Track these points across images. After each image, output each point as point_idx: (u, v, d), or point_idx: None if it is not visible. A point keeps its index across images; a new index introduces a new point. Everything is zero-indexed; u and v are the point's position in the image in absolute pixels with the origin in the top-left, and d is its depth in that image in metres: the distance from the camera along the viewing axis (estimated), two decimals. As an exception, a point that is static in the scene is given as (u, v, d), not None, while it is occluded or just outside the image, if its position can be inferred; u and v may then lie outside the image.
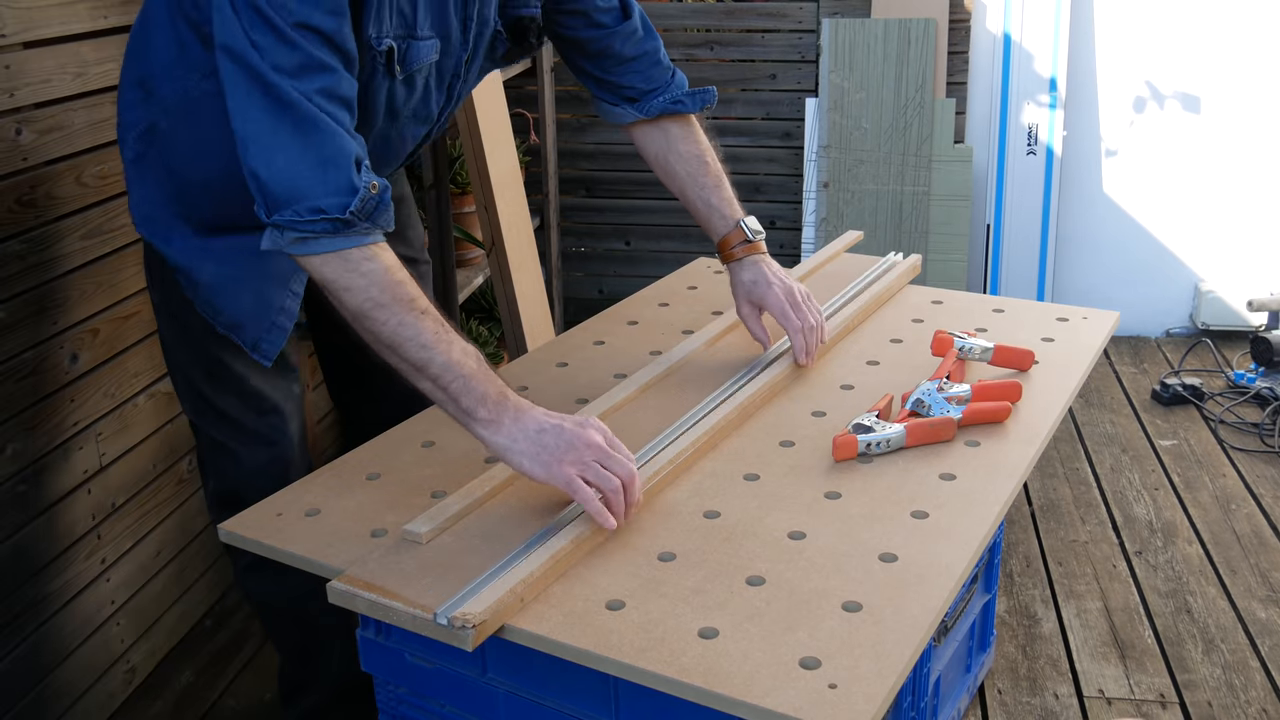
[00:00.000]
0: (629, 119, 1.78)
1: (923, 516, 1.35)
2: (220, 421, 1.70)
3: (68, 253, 1.95)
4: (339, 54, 1.33)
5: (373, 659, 1.43)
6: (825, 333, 1.78)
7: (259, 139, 1.29)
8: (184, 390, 1.73)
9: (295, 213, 1.29)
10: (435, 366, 1.32)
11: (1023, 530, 2.77)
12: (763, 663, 1.10)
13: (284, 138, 1.28)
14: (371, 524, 1.37)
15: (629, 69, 1.76)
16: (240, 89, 1.29)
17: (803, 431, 1.58)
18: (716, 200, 1.77)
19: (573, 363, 1.85)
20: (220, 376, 1.68)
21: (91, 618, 2.09)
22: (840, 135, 3.75)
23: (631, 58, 1.75)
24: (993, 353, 1.75)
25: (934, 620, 1.17)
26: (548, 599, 1.20)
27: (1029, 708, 2.16)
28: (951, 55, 3.78)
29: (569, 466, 1.30)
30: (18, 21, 1.80)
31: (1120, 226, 3.95)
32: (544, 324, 3.25)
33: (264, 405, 1.70)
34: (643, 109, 1.77)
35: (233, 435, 1.70)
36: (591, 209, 4.13)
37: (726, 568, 1.26)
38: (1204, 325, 3.90)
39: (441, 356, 1.32)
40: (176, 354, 1.71)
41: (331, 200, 1.28)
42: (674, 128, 1.79)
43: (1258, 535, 2.72)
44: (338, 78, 1.32)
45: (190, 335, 1.66)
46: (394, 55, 1.43)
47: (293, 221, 1.29)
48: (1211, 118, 3.81)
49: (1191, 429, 3.28)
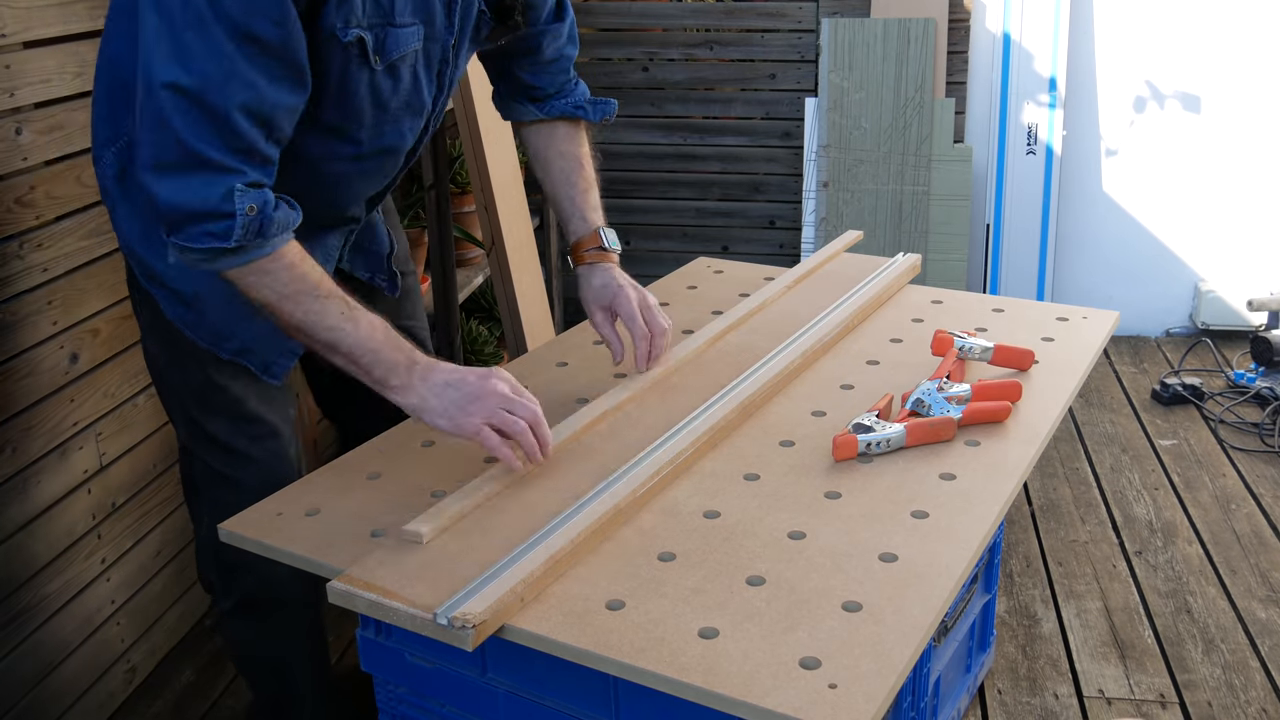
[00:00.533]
0: (529, 117, 1.78)
1: (923, 516, 1.35)
2: (213, 448, 1.64)
3: (68, 253, 1.95)
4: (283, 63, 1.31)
5: (373, 659, 1.43)
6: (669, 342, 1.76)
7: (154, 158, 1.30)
8: (177, 414, 1.68)
9: (189, 237, 1.31)
10: (345, 345, 1.40)
11: (1023, 530, 2.77)
12: (763, 662, 1.10)
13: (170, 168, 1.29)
14: (371, 524, 1.37)
15: (544, 70, 1.76)
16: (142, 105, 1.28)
17: (803, 431, 1.58)
18: (582, 203, 1.77)
19: (573, 362, 1.85)
20: (213, 401, 1.62)
21: (91, 618, 2.09)
22: (840, 135, 3.75)
23: (550, 60, 1.75)
24: (993, 352, 1.75)
25: (934, 620, 1.17)
26: (548, 599, 1.20)
27: (1029, 708, 2.16)
28: (951, 55, 3.78)
29: (475, 418, 1.39)
30: (18, 21, 1.80)
31: (1120, 226, 3.95)
32: (544, 324, 3.25)
33: (262, 430, 1.66)
34: (544, 109, 1.78)
35: (228, 462, 1.64)
36: (591, 209, 4.12)
37: (726, 567, 1.26)
38: (1204, 325, 3.90)
39: (350, 336, 1.39)
40: (168, 376, 1.65)
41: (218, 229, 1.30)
42: (562, 128, 1.79)
43: (1258, 535, 2.72)
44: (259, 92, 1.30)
45: (180, 357, 1.61)
46: (366, 45, 1.40)
47: (189, 247, 1.32)
48: (1212, 117, 3.81)
49: (1191, 429, 3.28)
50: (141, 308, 1.63)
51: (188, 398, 1.64)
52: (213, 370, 1.61)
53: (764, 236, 4.03)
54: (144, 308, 1.62)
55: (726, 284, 2.20)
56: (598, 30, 3.92)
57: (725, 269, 2.29)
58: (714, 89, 3.97)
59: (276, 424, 1.68)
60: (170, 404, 1.69)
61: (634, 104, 3.98)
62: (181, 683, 2.28)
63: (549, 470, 1.46)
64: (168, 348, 1.62)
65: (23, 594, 1.91)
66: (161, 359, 1.65)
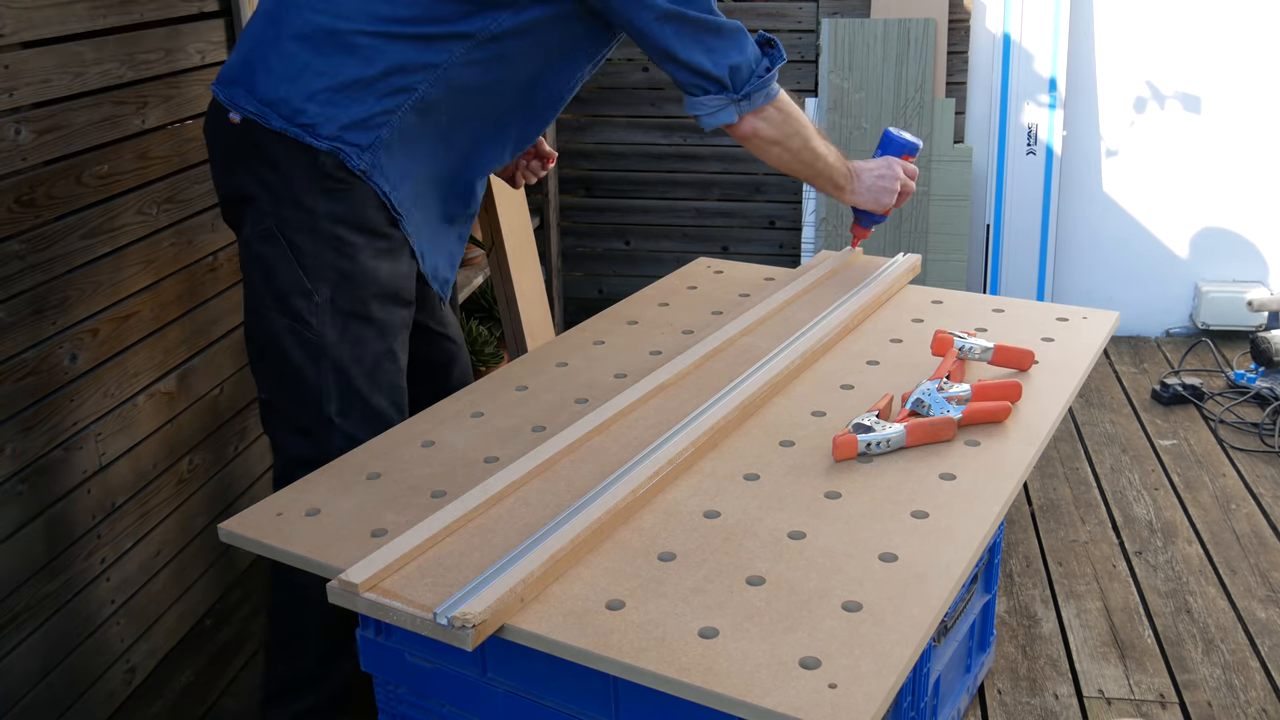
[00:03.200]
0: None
1: (923, 516, 1.35)
2: (371, 420, 1.73)
3: (68, 253, 1.95)
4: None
5: (372, 659, 1.44)
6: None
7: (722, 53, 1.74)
8: (332, 388, 1.71)
9: (759, 76, 1.77)
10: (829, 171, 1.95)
11: (1023, 530, 2.78)
12: (763, 662, 1.10)
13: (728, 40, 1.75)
14: (372, 523, 1.37)
15: None
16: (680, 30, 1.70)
17: (802, 431, 1.58)
18: None
19: (573, 362, 1.85)
20: (384, 373, 1.74)
21: (91, 618, 2.09)
22: (840, 135, 3.75)
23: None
24: (993, 352, 1.75)
25: (934, 620, 1.17)
26: (547, 599, 1.20)
27: (1029, 708, 2.16)
28: (951, 55, 3.78)
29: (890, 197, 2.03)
30: (17, 21, 1.80)
31: (1120, 226, 3.95)
32: (544, 324, 3.25)
33: (405, 402, 1.79)
34: None
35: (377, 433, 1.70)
36: (591, 209, 4.13)
37: (726, 567, 1.26)
38: (1204, 325, 3.90)
39: (833, 164, 1.95)
40: (337, 350, 1.70)
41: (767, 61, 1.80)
42: None
43: (1258, 535, 2.72)
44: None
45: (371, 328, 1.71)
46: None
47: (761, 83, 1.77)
48: (1212, 118, 3.81)
49: (1191, 429, 3.29)
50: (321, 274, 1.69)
51: (357, 372, 1.72)
52: (391, 337, 1.74)
53: (764, 237, 4.03)
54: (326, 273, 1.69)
55: (726, 284, 2.20)
56: (598, 30, 3.91)
57: (725, 269, 2.29)
58: (714, 89, 3.97)
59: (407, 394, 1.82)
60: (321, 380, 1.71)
61: (634, 104, 3.98)
62: (181, 683, 2.28)
63: (549, 470, 1.46)
64: (345, 320, 1.70)
65: (23, 594, 1.91)
66: (330, 333, 1.70)
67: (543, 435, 1.57)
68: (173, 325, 2.27)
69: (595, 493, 1.36)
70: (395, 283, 1.75)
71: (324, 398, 1.72)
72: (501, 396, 1.72)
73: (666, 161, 4.02)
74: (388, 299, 1.74)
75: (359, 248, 1.69)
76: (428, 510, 1.37)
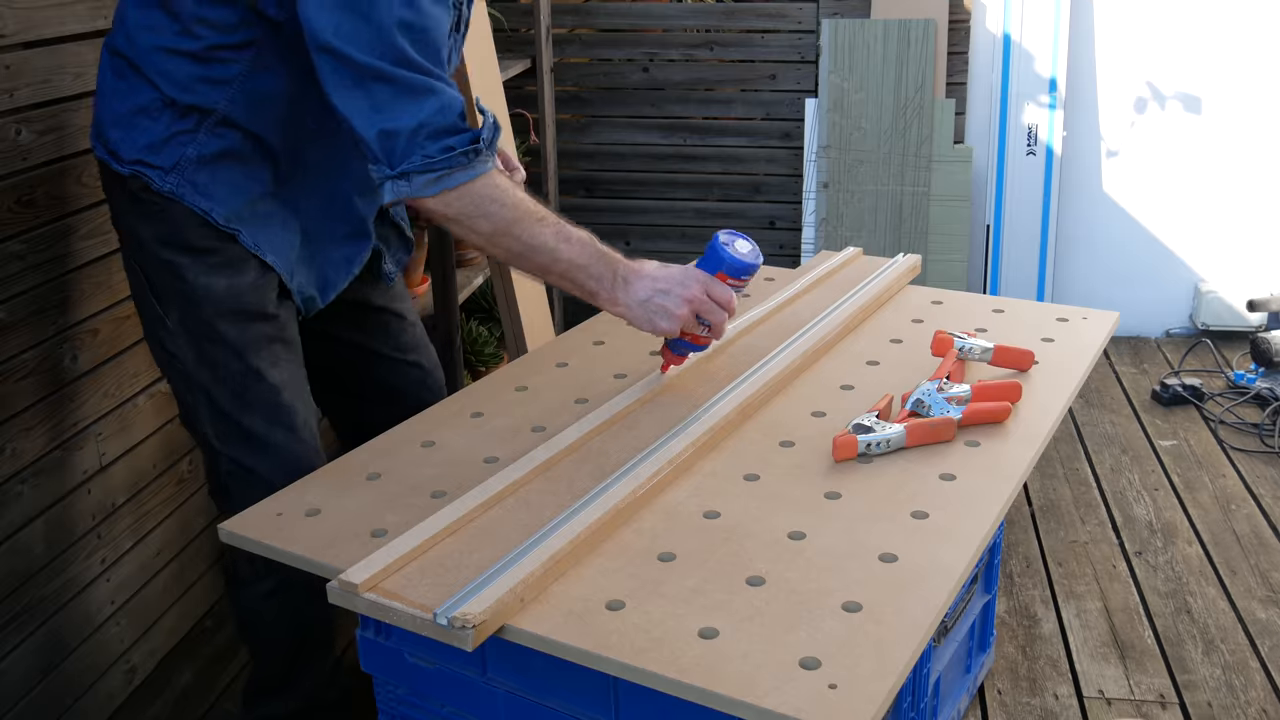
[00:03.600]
0: None
1: (923, 517, 1.35)
2: (246, 444, 1.66)
3: (68, 253, 1.95)
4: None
5: (372, 659, 1.43)
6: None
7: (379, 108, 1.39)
8: (204, 414, 1.67)
9: (426, 154, 1.39)
10: (560, 266, 1.53)
11: (1023, 530, 2.77)
12: (763, 663, 1.10)
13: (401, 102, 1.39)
14: (372, 524, 1.37)
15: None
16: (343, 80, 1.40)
17: (802, 431, 1.58)
18: None
19: (573, 362, 1.85)
20: (251, 392, 1.64)
21: (91, 618, 2.09)
22: (840, 135, 3.75)
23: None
24: (993, 353, 1.75)
25: (934, 620, 1.17)
26: (548, 599, 1.20)
27: (1029, 708, 2.16)
28: (951, 55, 3.78)
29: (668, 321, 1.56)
30: (18, 21, 1.80)
31: (1120, 227, 3.95)
32: (544, 324, 3.25)
33: (295, 420, 1.68)
34: None
35: (260, 459, 1.65)
36: (591, 209, 4.13)
37: (726, 568, 1.26)
38: (1204, 325, 3.90)
39: (564, 257, 1.52)
40: (197, 375, 1.65)
41: (460, 137, 1.42)
42: None
43: (1258, 536, 2.72)
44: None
45: (223, 348, 1.63)
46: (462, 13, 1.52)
47: (427, 163, 1.40)
48: (1212, 118, 3.81)
49: (1191, 429, 3.28)
50: (166, 298, 1.63)
51: (221, 394, 1.64)
52: (251, 355, 1.63)
53: (764, 237, 4.03)
54: (169, 296, 1.62)
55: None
56: (598, 30, 3.91)
57: (725, 269, 2.29)
58: (714, 90, 3.97)
59: (307, 415, 1.71)
60: (196, 406, 1.67)
61: (634, 104, 3.98)
62: (181, 683, 2.28)
63: (549, 470, 1.46)
64: (197, 343, 1.63)
65: (23, 594, 1.91)
66: (189, 356, 1.64)
67: (543, 435, 1.57)
68: (173, 325, 2.27)
69: (595, 493, 1.37)
70: (240, 297, 1.62)
71: (201, 423, 1.67)
72: (501, 396, 1.72)
73: (666, 162, 4.02)
74: (234, 315, 1.63)
75: (185, 266, 1.60)
76: (428, 510, 1.37)
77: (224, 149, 1.59)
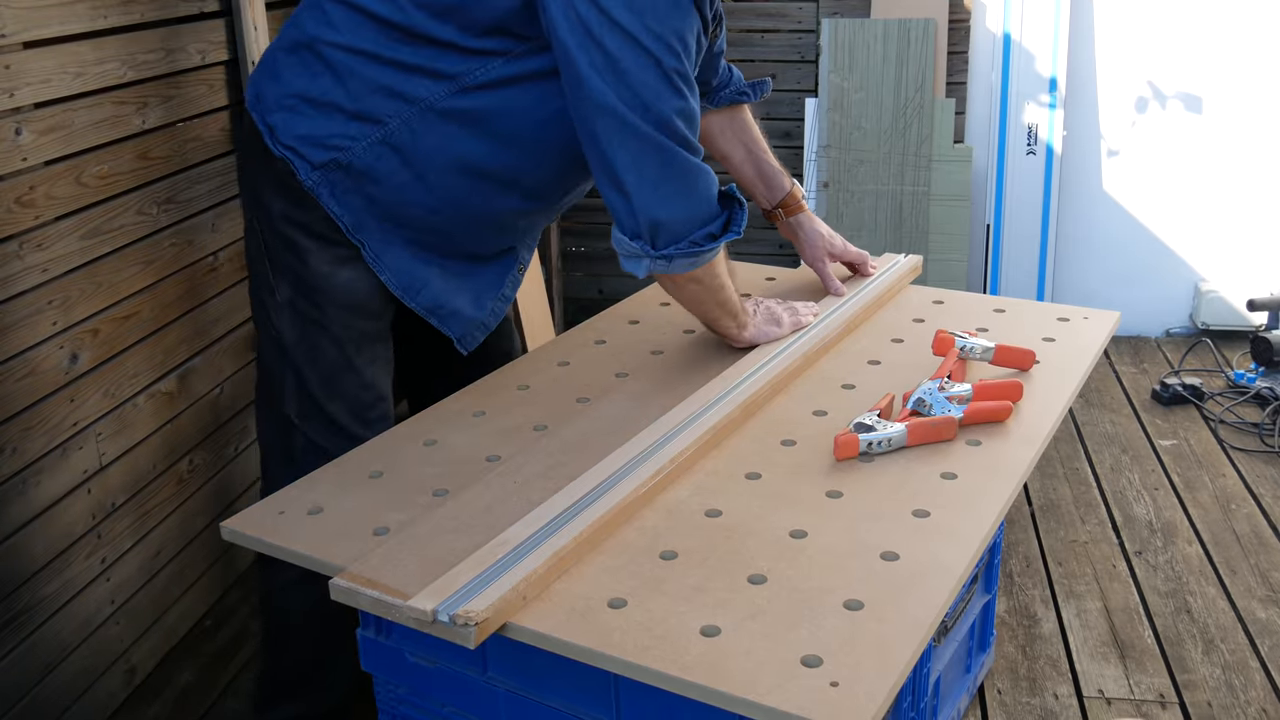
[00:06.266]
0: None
1: (924, 516, 1.35)
2: (329, 429, 1.68)
3: (68, 253, 1.95)
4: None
5: (373, 658, 1.43)
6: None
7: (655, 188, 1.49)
8: (291, 389, 1.68)
9: (693, 240, 1.53)
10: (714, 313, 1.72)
11: (1023, 530, 2.78)
12: (764, 661, 1.10)
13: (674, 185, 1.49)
14: (374, 522, 1.37)
15: (710, 64, 1.85)
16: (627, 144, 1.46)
17: (804, 430, 1.58)
18: (778, 164, 2.03)
19: (574, 362, 1.85)
20: (342, 383, 1.67)
21: (91, 618, 2.09)
22: (840, 135, 3.75)
23: (717, 53, 1.85)
24: (994, 352, 1.75)
25: (935, 619, 1.17)
26: (550, 597, 1.20)
27: (1029, 708, 2.16)
28: (951, 55, 3.79)
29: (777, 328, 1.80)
30: (18, 21, 1.80)
31: (1121, 226, 3.95)
32: (544, 324, 3.25)
33: (380, 412, 1.72)
34: (712, 100, 1.93)
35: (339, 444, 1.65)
36: (592, 209, 4.10)
37: (728, 566, 1.26)
38: (1204, 325, 3.90)
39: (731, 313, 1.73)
40: (295, 352, 1.66)
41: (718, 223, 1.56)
42: (733, 113, 1.98)
43: (1258, 535, 2.72)
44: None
45: (326, 336, 1.65)
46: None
47: (693, 249, 1.53)
48: (1213, 118, 3.81)
49: (1191, 429, 3.29)
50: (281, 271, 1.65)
51: (312, 377, 1.67)
52: (350, 348, 1.67)
53: (764, 236, 4.01)
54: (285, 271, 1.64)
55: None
56: (598, 31, 3.91)
57: (726, 269, 2.29)
58: (714, 89, 3.97)
59: (385, 407, 1.74)
60: (284, 380, 1.69)
61: (634, 104, 3.97)
62: (181, 683, 2.27)
63: (550, 469, 1.46)
64: (301, 323, 1.65)
65: (22, 594, 1.91)
66: (290, 333, 1.66)
67: (544, 434, 1.57)
68: (173, 325, 2.26)
69: (597, 491, 1.37)
70: (354, 293, 1.65)
71: (285, 397, 1.69)
72: (503, 396, 1.72)
73: (666, 162, 4.01)
74: (345, 309, 1.65)
75: (310, 252, 1.62)
76: (429, 509, 1.37)
77: (372, 168, 1.58)
